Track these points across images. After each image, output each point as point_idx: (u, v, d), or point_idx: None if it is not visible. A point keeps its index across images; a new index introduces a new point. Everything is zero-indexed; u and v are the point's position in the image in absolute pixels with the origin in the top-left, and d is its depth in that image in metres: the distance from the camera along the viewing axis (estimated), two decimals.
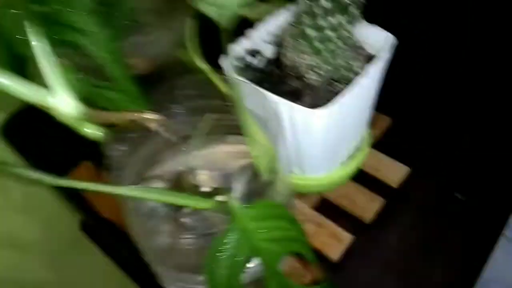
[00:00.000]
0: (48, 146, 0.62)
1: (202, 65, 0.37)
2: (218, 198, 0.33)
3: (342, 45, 0.38)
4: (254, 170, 0.46)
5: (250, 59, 0.46)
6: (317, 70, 0.39)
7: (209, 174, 0.47)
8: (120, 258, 0.55)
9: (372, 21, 0.42)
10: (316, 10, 0.35)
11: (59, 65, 0.27)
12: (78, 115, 0.28)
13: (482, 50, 0.64)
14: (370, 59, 0.43)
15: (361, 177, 0.50)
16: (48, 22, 0.28)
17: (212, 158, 0.47)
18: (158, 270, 0.39)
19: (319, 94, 0.40)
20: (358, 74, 0.40)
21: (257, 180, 0.45)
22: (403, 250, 0.47)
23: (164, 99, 0.39)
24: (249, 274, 0.38)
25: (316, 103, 0.40)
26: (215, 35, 0.31)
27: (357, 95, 0.38)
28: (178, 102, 0.40)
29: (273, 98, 0.37)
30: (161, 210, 0.45)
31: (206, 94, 0.40)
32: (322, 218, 0.49)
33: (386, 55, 0.40)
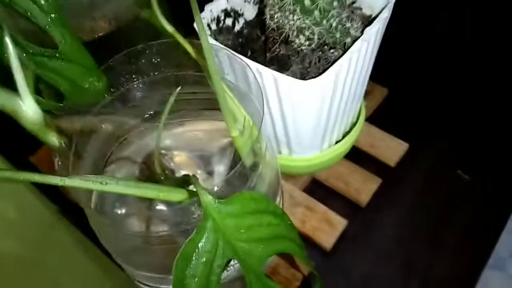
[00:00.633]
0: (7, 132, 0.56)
1: (170, 28, 0.31)
2: (190, 188, 0.27)
3: (336, 3, 0.33)
4: (236, 151, 0.41)
5: (228, 21, 0.40)
6: (307, 33, 0.33)
7: (184, 156, 0.42)
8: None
9: None
10: None
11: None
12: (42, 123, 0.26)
13: (488, 14, 0.58)
14: (367, 20, 0.38)
15: (355, 154, 0.45)
16: None
17: (187, 137, 0.41)
18: (127, 269, 0.34)
19: (310, 62, 0.35)
20: (354, 38, 0.34)
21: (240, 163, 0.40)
22: (403, 236, 0.42)
23: (125, 69, 0.33)
24: (234, 271, 0.34)
25: (306, 72, 0.34)
26: None
27: (354, 63, 0.33)
28: (142, 73, 0.34)
29: (255, 67, 0.32)
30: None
31: (175, 63, 0.34)
32: (313, 201, 0.44)
33: (386, 15, 0.34)
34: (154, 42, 0.32)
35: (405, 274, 0.40)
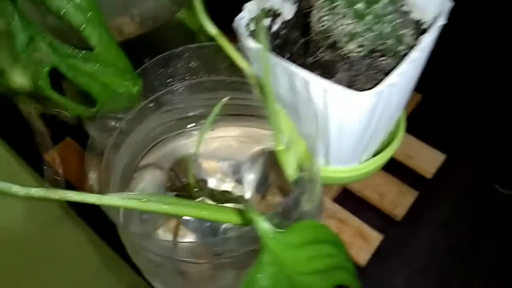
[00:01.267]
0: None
1: (212, 29, 0.28)
2: (239, 208, 0.25)
3: (391, 8, 0.30)
4: (269, 158, 0.38)
5: (266, 22, 0.37)
6: (360, 39, 0.30)
7: (213, 162, 0.39)
8: (104, 233, 0.49)
9: None
10: None
11: None
12: None
13: None
14: (417, 25, 0.35)
15: (390, 164, 0.43)
16: None
17: (217, 143, 0.39)
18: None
19: (357, 69, 0.32)
20: (408, 46, 0.31)
21: (275, 171, 0.38)
22: (439, 252, 0.40)
23: (160, 73, 0.30)
24: None
25: (353, 81, 0.32)
26: None
27: (408, 73, 0.30)
28: (178, 77, 0.31)
29: (304, 75, 0.29)
30: None
31: (213, 67, 0.31)
32: (346, 213, 0.42)
33: (442, 22, 0.31)
34: (193, 46, 0.29)
35: None
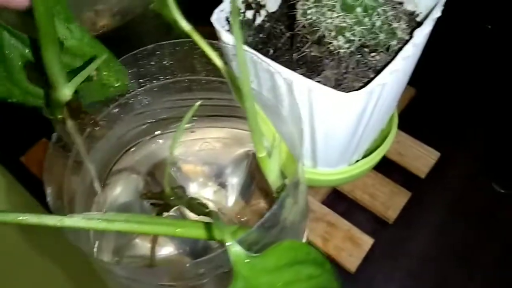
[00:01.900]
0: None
1: (185, 24, 0.26)
2: (209, 225, 0.23)
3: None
4: (254, 161, 0.36)
5: (248, 14, 0.34)
6: (347, 34, 0.28)
7: (194, 166, 0.37)
8: None
9: None
10: None
11: None
12: None
13: None
14: (411, 18, 0.33)
15: (382, 164, 0.41)
16: None
17: (198, 146, 0.36)
18: None
19: (346, 66, 0.30)
20: (400, 40, 0.29)
21: (261, 174, 0.36)
22: (433, 256, 0.38)
23: (132, 71, 0.28)
24: None
25: (341, 79, 0.30)
26: None
27: (402, 70, 0.28)
28: (152, 76, 0.29)
29: (286, 74, 0.27)
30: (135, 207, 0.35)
31: (189, 65, 0.29)
32: (335, 216, 0.40)
33: (437, 15, 0.29)
34: (166, 43, 0.26)
35: None
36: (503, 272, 0.38)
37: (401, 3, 0.33)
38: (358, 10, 0.27)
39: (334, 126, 0.29)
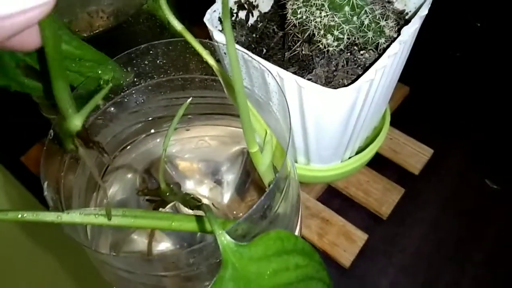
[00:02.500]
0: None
1: (177, 24, 0.26)
2: (203, 219, 0.23)
3: None
4: (249, 157, 0.37)
5: (241, 14, 0.35)
6: (336, 32, 0.28)
7: (190, 163, 0.38)
8: None
9: None
10: None
11: None
12: None
13: None
14: (400, 16, 0.33)
15: (376, 161, 0.41)
16: None
17: (193, 144, 0.37)
18: None
19: (336, 64, 0.30)
20: (389, 38, 0.30)
21: (256, 171, 0.36)
22: (427, 252, 0.39)
23: (126, 71, 0.28)
24: None
25: (331, 76, 0.30)
26: None
27: (389, 67, 0.28)
28: (145, 75, 0.29)
29: (276, 71, 0.27)
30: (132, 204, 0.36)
31: (182, 64, 0.29)
32: (330, 212, 0.40)
33: (424, 13, 0.30)
34: (159, 42, 0.27)
35: None
36: (496, 268, 0.38)
37: (390, 2, 0.33)
38: (346, 9, 0.28)
39: (325, 123, 0.30)
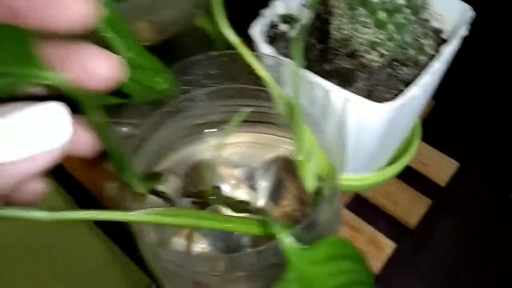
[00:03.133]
0: None
1: (232, 36, 0.28)
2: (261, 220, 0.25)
3: (413, 17, 0.30)
4: (283, 165, 0.38)
5: (283, 27, 0.37)
6: (379, 48, 0.30)
7: (226, 169, 0.39)
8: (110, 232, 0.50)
9: None
10: None
11: None
12: None
13: None
14: (438, 36, 0.35)
15: (403, 172, 0.42)
16: None
17: (230, 150, 0.38)
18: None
19: (377, 79, 0.32)
20: (428, 55, 0.31)
21: (290, 179, 0.37)
22: (453, 263, 0.40)
23: (179, 80, 0.30)
24: None
25: (372, 90, 0.32)
26: None
27: (428, 83, 0.30)
28: (196, 84, 0.31)
29: (324, 84, 0.29)
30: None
31: (232, 75, 0.31)
32: (359, 221, 0.41)
33: (463, 32, 0.31)
34: (213, 53, 0.29)
35: None
36: None
37: (426, 20, 0.35)
38: (390, 27, 0.29)
39: (365, 135, 0.31)
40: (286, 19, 0.36)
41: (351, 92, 0.31)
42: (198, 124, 0.35)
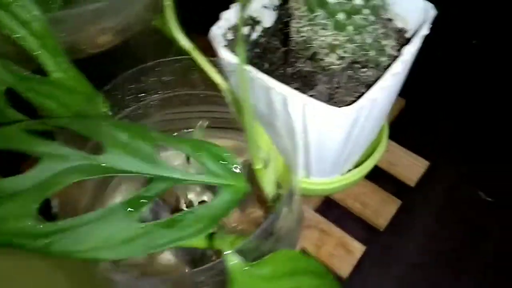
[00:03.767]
0: None
1: (185, 43, 0.27)
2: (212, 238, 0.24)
3: (372, 17, 0.29)
4: (250, 170, 0.37)
5: (245, 30, 0.36)
6: (340, 51, 0.29)
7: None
8: None
9: None
10: None
11: None
12: None
13: None
14: (400, 35, 0.34)
15: (373, 173, 0.42)
16: None
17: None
18: None
19: (338, 82, 0.31)
20: (390, 57, 0.31)
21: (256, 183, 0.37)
22: (424, 263, 0.40)
23: (131, 88, 0.29)
24: None
25: (333, 93, 0.31)
26: None
27: (390, 85, 0.29)
28: (150, 91, 0.30)
29: (282, 89, 0.28)
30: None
31: (188, 81, 0.30)
32: (328, 224, 0.41)
33: (425, 32, 0.31)
34: (166, 59, 0.28)
35: None
36: (493, 278, 0.39)
37: (390, 20, 0.34)
38: (350, 28, 0.29)
39: (327, 138, 0.30)
40: (247, 22, 0.35)
41: (313, 95, 0.31)
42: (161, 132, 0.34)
